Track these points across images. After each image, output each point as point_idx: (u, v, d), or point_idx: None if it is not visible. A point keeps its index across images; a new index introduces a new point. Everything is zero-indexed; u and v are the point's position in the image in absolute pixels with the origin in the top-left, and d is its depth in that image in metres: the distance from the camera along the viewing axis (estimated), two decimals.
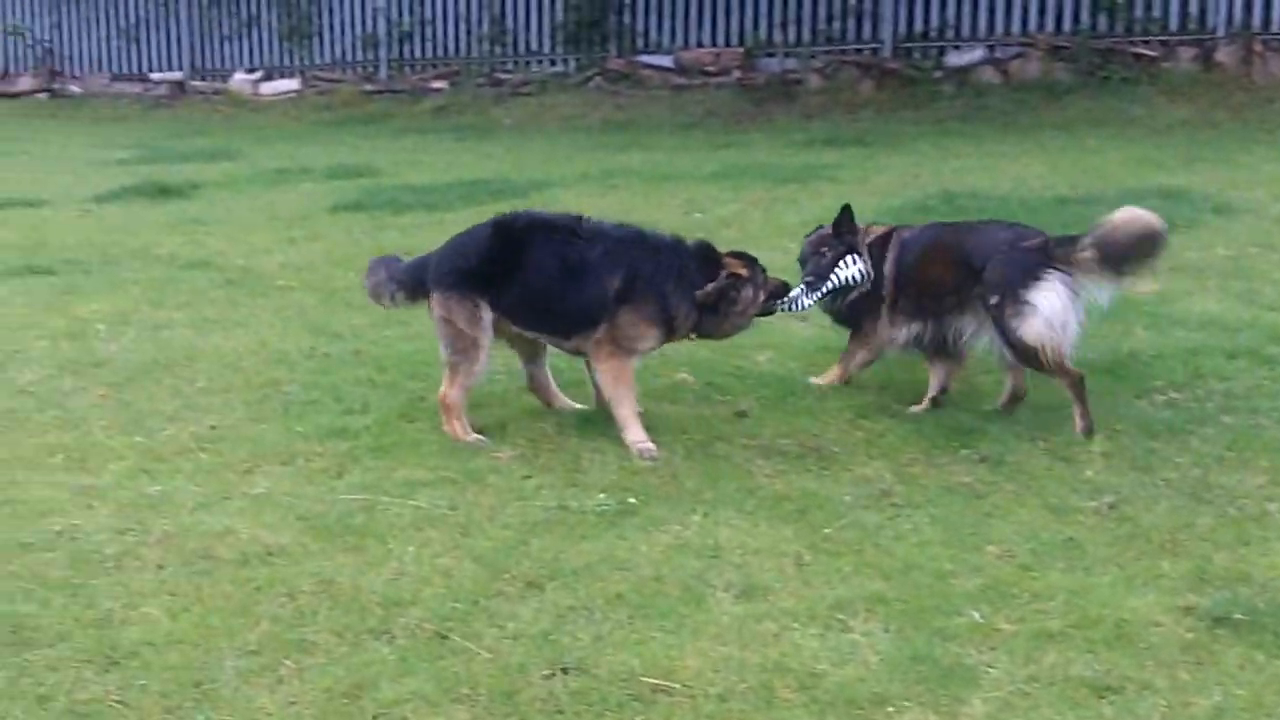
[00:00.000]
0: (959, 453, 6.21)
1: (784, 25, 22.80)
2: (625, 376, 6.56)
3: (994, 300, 6.58)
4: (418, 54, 26.07)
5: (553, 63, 24.73)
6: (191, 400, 7.32)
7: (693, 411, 6.85)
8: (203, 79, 28.11)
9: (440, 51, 25.84)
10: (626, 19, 24.18)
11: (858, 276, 6.95)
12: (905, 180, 14.17)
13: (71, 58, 29.86)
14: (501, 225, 6.77)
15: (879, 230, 7.15)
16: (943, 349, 6.97)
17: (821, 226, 7.28)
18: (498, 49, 25.25)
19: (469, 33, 25.46)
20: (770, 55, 22.80)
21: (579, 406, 6.96)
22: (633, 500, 5.75)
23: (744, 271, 6.68)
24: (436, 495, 5.87)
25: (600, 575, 5.05)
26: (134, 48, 29.08)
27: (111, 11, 29.19)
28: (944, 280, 6.83)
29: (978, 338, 6.82)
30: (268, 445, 6.58)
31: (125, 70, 29.17)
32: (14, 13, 30.20)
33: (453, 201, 13.33)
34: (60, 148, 21.34)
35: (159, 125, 24.84)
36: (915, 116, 19.63)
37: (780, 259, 8.02)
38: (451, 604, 4.84)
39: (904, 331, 7.00)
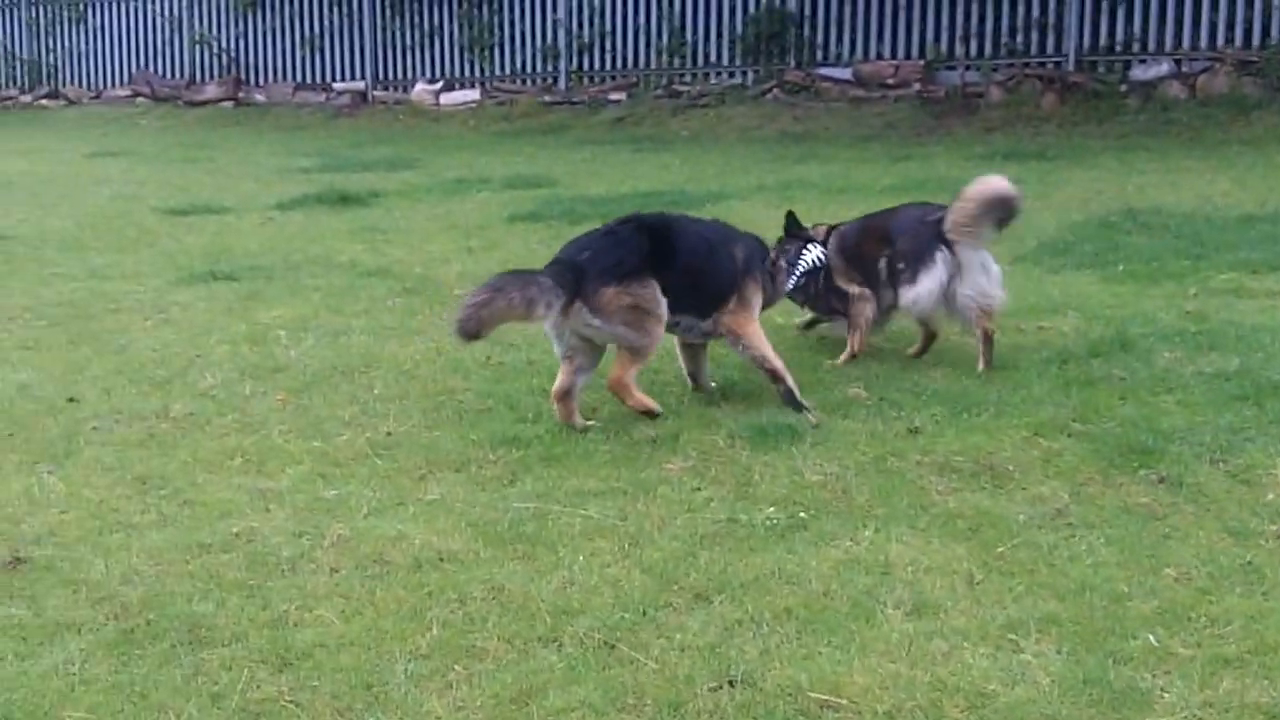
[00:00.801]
0: (1137, 473, 6.08)
1: (965, 38, 22.71)
2: (764, 338, 7.31)
3: (900, 266, 7.83)
4: (597, 65, 26.29)
5: (731, 75, 24.81)
6: (368, 406, 7.42)
7: (865, 426, 6.79)
8: (384, 89, 28.56)
9: (619, 63, 26.04)
10: (806, 31, 24.17)
11: (819, 260, 8.08)
12: (1087, 195, 13.98)
13: (256, 67, 30.50)
14: (642, 222, 7.27)
15: (823, 228, 8.37)
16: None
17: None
18: (676, 61, 25.38)
19: (648, 45, 25.63)
20: (951, 68, 22.70)
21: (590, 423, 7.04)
22: (803, 514, 5.70)
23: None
24: (606, 505, 5.88)
25: (769, 589, 5.02)
26: (317, 58, 29.64)
27: (295, 22, 29.79)
28: (874, 254, 8.02)
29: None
30: (442, 452, 6.64)
31: (308, 80, 29.73)
32: (201, 23, 30.91)
33: (629, 212, 13.32)
34: (244, 155, 21.79)
35: (340, 134, 25.26)
36: (1098, 130, 19.39)
37: None
38: (620, 614, 4.84)
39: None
